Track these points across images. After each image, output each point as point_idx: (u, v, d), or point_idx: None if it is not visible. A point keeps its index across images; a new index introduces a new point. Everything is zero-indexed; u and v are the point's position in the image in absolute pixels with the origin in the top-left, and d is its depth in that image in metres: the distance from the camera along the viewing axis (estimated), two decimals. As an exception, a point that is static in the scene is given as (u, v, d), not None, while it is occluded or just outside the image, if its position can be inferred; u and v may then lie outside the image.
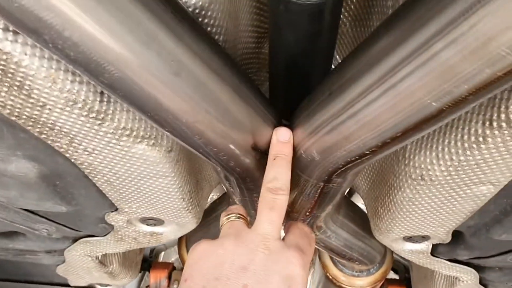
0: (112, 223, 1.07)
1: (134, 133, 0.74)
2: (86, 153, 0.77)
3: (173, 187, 0.89)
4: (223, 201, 1.14)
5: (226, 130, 0.65)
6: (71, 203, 0.97)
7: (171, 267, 1.95)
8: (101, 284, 1.73)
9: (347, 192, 1.44)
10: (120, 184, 0.87)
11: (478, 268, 1.23)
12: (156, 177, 0.84)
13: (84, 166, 0.81)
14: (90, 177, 0.85)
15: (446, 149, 0.72)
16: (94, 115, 0.69)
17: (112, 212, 1.01)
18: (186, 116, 0.60)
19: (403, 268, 1.94)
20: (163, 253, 2.24)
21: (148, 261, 1.98)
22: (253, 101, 0.69)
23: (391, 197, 0.90)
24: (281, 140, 0.72)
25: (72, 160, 0.80)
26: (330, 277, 1.37)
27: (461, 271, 1.23)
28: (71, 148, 0.76)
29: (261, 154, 0.73)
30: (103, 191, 0.90)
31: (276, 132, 0.72)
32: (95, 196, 0.94)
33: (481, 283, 1.34)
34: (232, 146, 0.68)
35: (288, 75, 0.78)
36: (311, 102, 0.68)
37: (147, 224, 1.09)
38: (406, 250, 1.10)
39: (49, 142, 0.74)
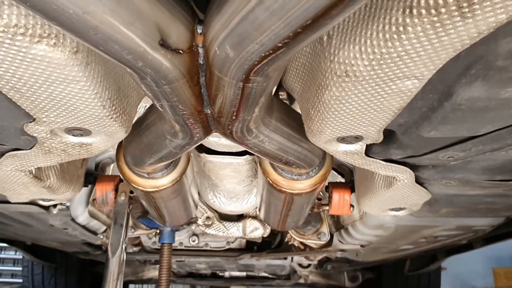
0: (34, 135, 1.01)
1: (30, 31, 0.67)
2: (-20, 55, 0.69)
3: (88, 93, 0.83)
4: (153, 109, 1.09)
5: (124, 24, 0.58)
6: (-19, 114, 0.90)
7: (118, 180, 1.92)
8: (43, 200, 1.69)
9: (288, 99, 1.41)
10: (28, 90, 0.80)
11: (412, 167, 1.25)
12: (66, 82, 0.78)
13: (-18, 71, 0.74)
14: (-7, 84, 0.78)
15: (368, 42, 0.69)
16: (-24, 10, 0.61)
17: (30, 122, 0.95)
18: (72, 6, 0.53)
19: (348, 171, 1.98)
20: (111, 166, 2.21)
21: (94, 174, 1.94)
22: (158, -8, 0.62)
23: (319, 97, 0.87)
24: None
25: (-32, 65, 0.72)
26: (271, 182, 1.38)
27: (396, 170, 1.25)
28: (-39, 51, 0.68)
29: (172, 52, 0.67)
30: (13, 99, 0.84)
31: None
32: (6, 106, 0.87)
33: (417, 181, 1.38)
34: (135, 42, 0.62)
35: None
36: (221, -10, 0.62)
37: (73, 135, 1.04)
38: (341, 151, 1.09)
39: None
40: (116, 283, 1.71)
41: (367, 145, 1.09)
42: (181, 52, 0.68)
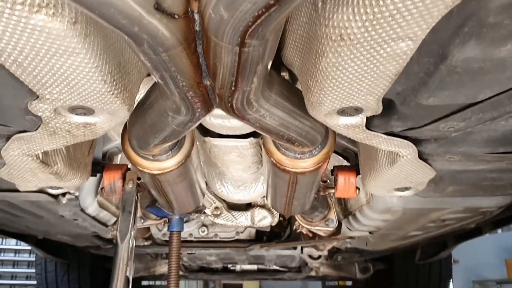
0: (39, 114, 1.03)
1: (29, 0, 0.68)
2: (-19, 27, 0.71)
3: (88, 67, 0.84)
4: (155, 87, 1.10)
5: (118, -15, 0.60)
6: (-14, 92, 0.92)
7: (125, 168, 1.94)
8: (52, 188, 1.71)
9: (291, 79, 1.42)
10: (30, 64, 0.82)
11: (415, 141, 1.25)
12: (66, 54, 0.80)
13: (-16, 45, 0.76)
14: (-5, 59, 0.80)
15: (360, 2, 0.70)
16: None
17: (34, 100, 0.97)
18: (66, -34, 0.55)
19: (353, 155, 1.98)
20: (119, 156, 2.23)
21: (101, 164, 1.96)
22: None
23: (317, 65, 0.88)
24: None
25: (-31, 38, 0.74)
26: (275, 161, 1.39)
27: (399, 144, 1.25)
28: (-37, 22, 0.70)
29: (167, 16, 0.68)
30: (16, 75, 0.86)
31: None
32: (9, 82, 0.89)
33: (420, 158, 1.38)
34: (130, 6, 0.63)
35: None
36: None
37: (77, 114, 1.06)
38: (341, 125, 1.10)
39: None
40: (126, 269, 1.73)
41: (367, 118, 1.09)
42: (176, 17, 0.69)
